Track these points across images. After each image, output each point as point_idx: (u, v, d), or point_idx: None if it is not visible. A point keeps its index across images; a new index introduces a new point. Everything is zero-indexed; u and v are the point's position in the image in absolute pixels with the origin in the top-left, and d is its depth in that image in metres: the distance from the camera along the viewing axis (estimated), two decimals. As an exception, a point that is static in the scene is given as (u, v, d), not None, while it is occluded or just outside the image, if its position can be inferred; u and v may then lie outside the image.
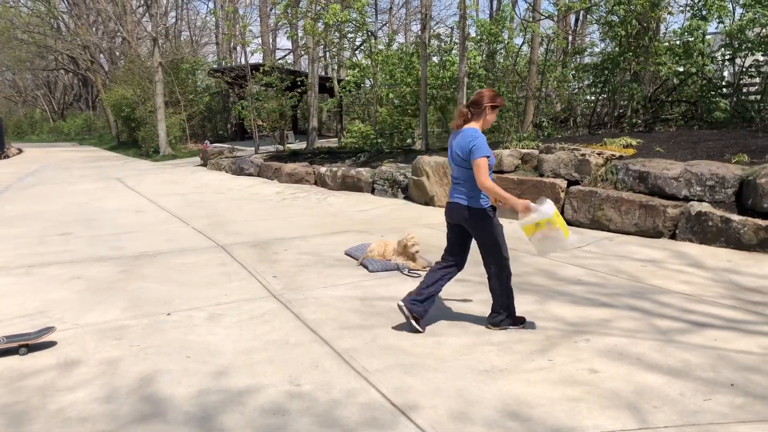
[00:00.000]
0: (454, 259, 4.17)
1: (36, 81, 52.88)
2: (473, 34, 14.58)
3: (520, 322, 4.10)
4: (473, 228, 4.01)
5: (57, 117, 52.15)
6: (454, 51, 15.34)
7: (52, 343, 3.94)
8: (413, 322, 3.99)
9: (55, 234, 7.90)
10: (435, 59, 15.69)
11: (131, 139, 30.30)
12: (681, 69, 11.66)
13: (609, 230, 7.16)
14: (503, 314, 4.07)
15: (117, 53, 38.75)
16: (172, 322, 4.37)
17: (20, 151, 29.75)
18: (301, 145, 20.23)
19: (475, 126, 3.95)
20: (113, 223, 8.73)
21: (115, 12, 31.83)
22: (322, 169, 12.73)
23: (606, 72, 12.50)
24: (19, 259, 6.43)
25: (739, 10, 12.13)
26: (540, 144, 9.31)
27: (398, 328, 4.12)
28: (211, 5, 43.24)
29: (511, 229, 4.77)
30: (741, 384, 3.18)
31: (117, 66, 36.69)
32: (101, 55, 39.09)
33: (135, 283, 5.43)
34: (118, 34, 36.22)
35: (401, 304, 4.03)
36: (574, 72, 14.98)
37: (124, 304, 4.80)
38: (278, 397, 3.15)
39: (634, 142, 8.60)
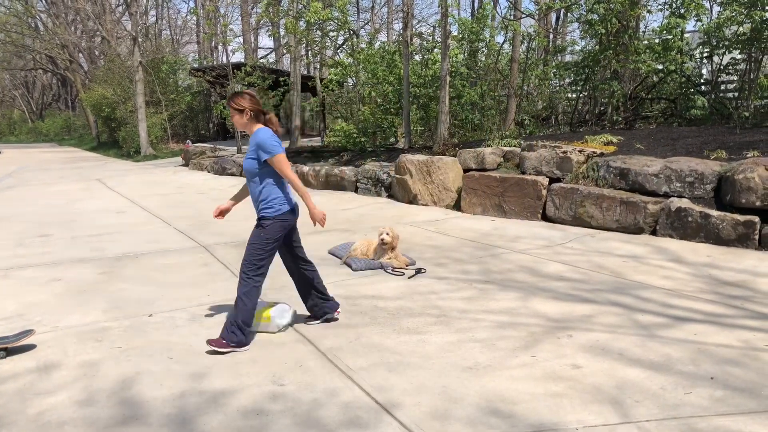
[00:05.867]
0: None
1: (14, 81, 52.14)
2: (455, 33, 14.62)
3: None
4: None
5: (36, 117, 51.50)
6: (436, 49, 15.36)
7: (31, 346, 3.88)
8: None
9: (34, 236, 7.78)
10: (417, 58, 15.70)
11: (112, 139, 29.98)
12: (660, 67, 11.78)
13: (591, 227, 7.22)
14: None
15: (96, 52, 38.31)
16: (154, 323, 4.32)
17: (-2, 152, 29.32)
18: (284, 145, 20.13)
19: None
20: (94, 224, 8.63)
21: (94, 11, 31.48)
22: (305, 168, 12.69)
23: (587, 70, 12.61)
24: (-3, 262, 6.33)
25: (716, 9, 12.31)
26: (522, 142, 9.36)
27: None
28: (191, 4, 42.93)
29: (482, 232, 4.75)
30: (721, 377, 3.22)
31: (96, 65, 36.28)
32: (80, 55, 38.63)
33: (116, 284, 5.37)
34: (98, 33, 35.81)
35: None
36: (555, 70, 15.08)
37: (105, 305, 4.74)
38: (261, 398, 3.13)
39: (614, 140, 8.68)
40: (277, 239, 3.90)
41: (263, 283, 3.93)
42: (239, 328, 3.76)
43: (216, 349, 3.73)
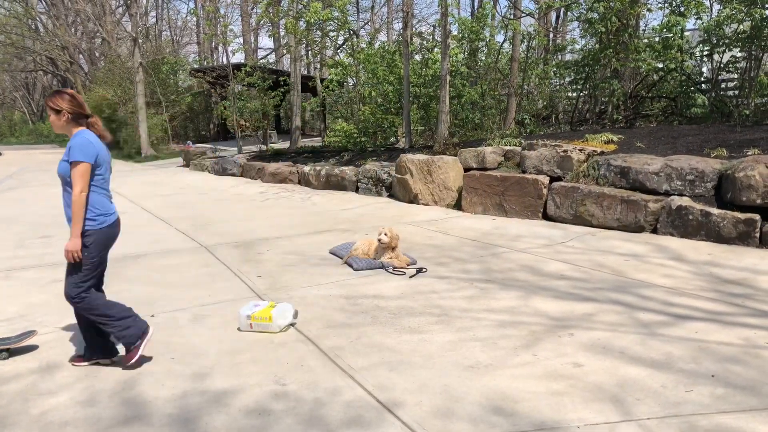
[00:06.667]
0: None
1: (14, 82, 52.17)
2: (455, 32, 14.63)
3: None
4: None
5: (36, 119, 51.52)
6: (436, 49, 15.36)
7: (33, 347, 3.89)
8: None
9: (36, 237, 7.79)
10: (417, 57, 15.71)
11: (112, 140, 29.99)
12: (660, 65, 11.79)
13: (591, 225, 7.22)
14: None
15: (97, 54, 38.34)
16: (155, 323, 4.32)
17: (-1, 153, 29.37)
18: (284, 145, 20.16)
19: None
20: (95, 225, 8.62)
21: (94, 12, 31.49)
22: (306, 169, 12.70)
23: (587, 69, 12.61)
24: (-1, 263, 6.34)
25: (716, 7, 12.30)
26: (522, 141, 9.37)
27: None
28: (191, 5, 42.94)
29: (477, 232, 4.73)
30: (722, 375, 3.22)
31: (97, 67, 36.32)
32: (80, 56, 38.68)
33: (117, 285, 5.37)
34: (98, 34, 35.84)
35: None
36: (555, 69, 15.08)
37: (107, 306, 4.74)
38: (263, 397, 3.14)
39: (615, 138, 8.68)
40: (101, 255, 3.50)
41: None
42: (126, 327, 3.51)
43: (133, 362, 3.52)
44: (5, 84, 52.73)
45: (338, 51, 21.96)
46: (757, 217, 5.90)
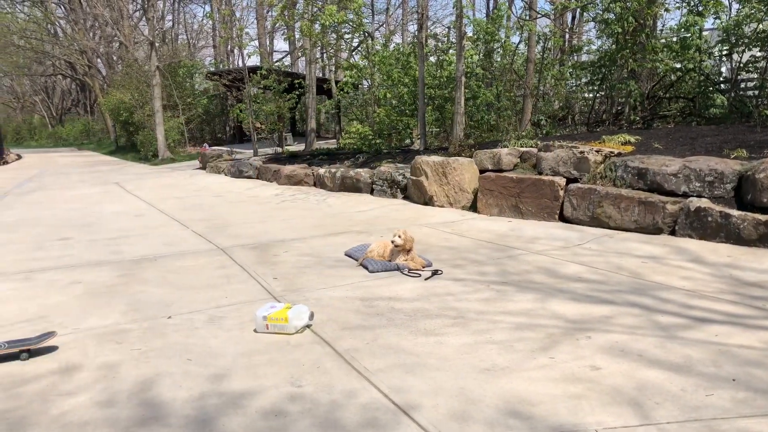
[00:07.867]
0: None
1: (34, 86, 52.96)
2: (470, 34, 14.59)
3: None
4: None
5: (55, 122, 52.24)
6: (451, 50, 15.34)
7: (53, 348, 3.94)
8: None
9: (54, 239, 7.89)
10: (432, 59, 15.69)
11: (130, 143, 30.33)
12: (678, 65, 11.67)
13: (609, 227, 7.16)
14: None
15: (114, 58, 38.78)
16: (172, 325, 4.36)
17: (19, 156, 29.79)
18: (299, 147, 20.25)
19: None
20: (112, 227, 8.72)
21: (112, 17, 31.86)
22: (321, 171, 12.73)
23: (603, 69, 12.51)
24: (19, 265, 6.42)
25: (735, 6, 12.16)
26: (539, 142, 9.31)
27: None
28: (207, 9, 43.26)
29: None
30: (743, 379, 3.18)
31: (115, 70, 36.74)
32: (99, 60, 39.17)
33: (135, 287, 5.42)
34: (116, 38, 36.24)
35: None
36: (571, 70, 14.97)
37: (124, 308, 4.79)
38: (279, 399, 3.14)
39: (632, 139, 8.60)
40: None
41: None
42: None
43: None
44: (25, 88, 53.53)
45: (353, 53, 22.02)
46: (778, 218, 5.81)
